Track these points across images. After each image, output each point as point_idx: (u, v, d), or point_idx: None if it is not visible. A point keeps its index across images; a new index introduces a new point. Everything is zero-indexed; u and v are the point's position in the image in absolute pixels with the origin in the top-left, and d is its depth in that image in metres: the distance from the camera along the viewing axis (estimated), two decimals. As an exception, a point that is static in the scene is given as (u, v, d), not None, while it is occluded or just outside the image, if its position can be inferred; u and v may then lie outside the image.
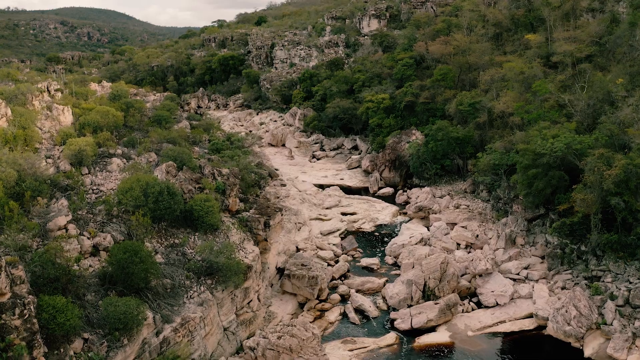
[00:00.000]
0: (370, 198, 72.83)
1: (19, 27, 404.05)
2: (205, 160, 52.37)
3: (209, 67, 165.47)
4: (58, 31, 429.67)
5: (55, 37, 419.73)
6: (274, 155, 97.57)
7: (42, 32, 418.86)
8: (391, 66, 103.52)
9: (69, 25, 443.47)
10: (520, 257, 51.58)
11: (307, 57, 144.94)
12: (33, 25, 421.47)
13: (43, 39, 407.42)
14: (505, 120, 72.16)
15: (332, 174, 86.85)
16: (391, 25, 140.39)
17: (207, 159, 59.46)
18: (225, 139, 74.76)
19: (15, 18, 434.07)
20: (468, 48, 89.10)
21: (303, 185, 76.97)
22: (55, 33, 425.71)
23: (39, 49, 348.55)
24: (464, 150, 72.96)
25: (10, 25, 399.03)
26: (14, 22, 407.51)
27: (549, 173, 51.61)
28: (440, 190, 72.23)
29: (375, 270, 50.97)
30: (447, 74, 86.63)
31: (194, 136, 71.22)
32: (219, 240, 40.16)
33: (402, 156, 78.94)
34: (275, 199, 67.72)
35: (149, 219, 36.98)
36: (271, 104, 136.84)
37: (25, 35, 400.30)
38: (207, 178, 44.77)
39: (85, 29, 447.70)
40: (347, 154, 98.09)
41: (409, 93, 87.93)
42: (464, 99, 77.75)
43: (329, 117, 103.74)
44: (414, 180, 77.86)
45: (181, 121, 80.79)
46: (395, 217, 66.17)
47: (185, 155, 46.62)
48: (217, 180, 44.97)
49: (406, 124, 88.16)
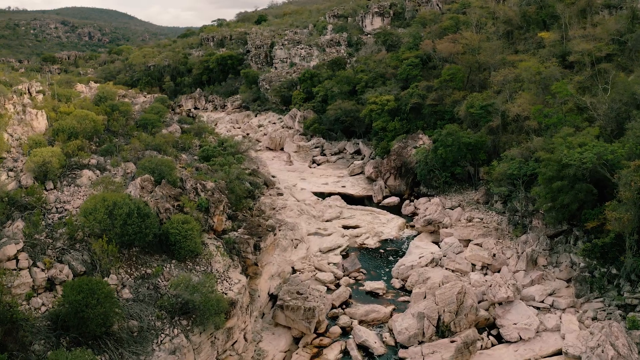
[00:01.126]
0: (374, 209, 67.10)
1: (19, 27, 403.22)
2: (188, 172, 46.73)
3: (207, 67, 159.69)
4: (59, 31, 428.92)
5: (55, 36, 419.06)
6: (272, 160, 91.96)
7: (43, 32, 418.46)
8: (396, 66, 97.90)
9: (70, 25, 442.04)
10: (544, 281, 45.89)
11: (307, 57, 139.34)
12: (33, 25, 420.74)
13: (43, 38, 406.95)
14: (520, 125, 66.57)
15: (333, 181, 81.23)
16: (395, 24, 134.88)
17: (194, 167, 53.89)
18: (217, 144, 69.17)
19: (15, 18, 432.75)
20: (478, 46, 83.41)
21: (302, 194, 71.30)
22: (56, 33, 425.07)
23: (39, 49, 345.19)
24: (476, 157, 67.24)
25: (10, 25, 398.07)
26: (15, 22, 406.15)
27: (576, 186, 45.94)
28: (451, 200, 66.58)
29: (381, 295, 45.24)
30: (456, 74, 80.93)
31: (183, 142, 65.66)
32: (200, 268, 34.56)
33: (408, 163, 73.25)
34: (270, 210, 62.13)
35: (114, 247, 31.39)
36: (270, 106, 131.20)
37: (26, 35, 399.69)
38: (189, 194, 39.16)
39: (86, 28, 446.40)
40: (349, 159, 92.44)
41: (415, 94, 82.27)
42: (474, 101, 72.09)
43: (330, 119, 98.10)
44: (421, 189, 72.18)
45: (171, 125, 75.27)
46: (401, 231, 60.52)
47: (165, 167, 40.98)
48: (200, 196, 39.35)
49: (412, 127, 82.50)
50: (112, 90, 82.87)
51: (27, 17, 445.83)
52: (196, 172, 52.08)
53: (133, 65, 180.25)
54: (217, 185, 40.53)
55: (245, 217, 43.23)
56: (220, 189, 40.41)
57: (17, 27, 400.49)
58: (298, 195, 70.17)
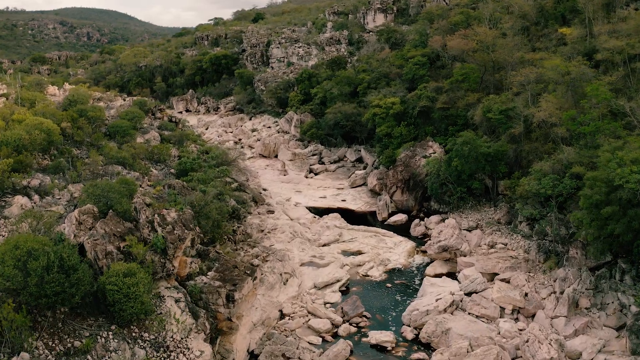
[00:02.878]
0: (378, 230, 58.22)
1: (17, 27, 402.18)
2: (155, 192, 38.01)
3: (200, 67, 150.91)
4: (57, 31, 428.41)
5: (54, 37, 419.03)
6: (265, 169, 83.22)
7: (41, 32, 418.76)
8: (400, 65, 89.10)
9: (69, 25, 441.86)
10: (589, 330, 37.11)
11: (306, 56, 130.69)
12: (31, 25, 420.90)
13: (41, 39, 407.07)
14: (545, 132, 57.89)
15: (332, 194, 72.49)
16: (399, 20, 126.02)
17: (164, 186, 45.13)
18: (197, 155, 60.49)
19: (13, 18, 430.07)
20: (493, 43, 74.58)
21: (296, 211, 62.50)
22: (54, 33, 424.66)
23: (37, 50, 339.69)
24: (495, 169, 58.48)
25: (8, 25, 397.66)
26: (12, 22, 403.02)
27: (629, 212, 37.23)
28: (467, 219, 57.84)
29: (389, 350, 36.35)
30: (470, 74, 72.05)
31: (159, 152, 57.00)
32: (149, 336, 25.81)
33: (417, 174, 64.48)
34: (259, 232, 53.43)
35: (24, 317, 22.69)
36: (266, 108, 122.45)
37: (24, 36, 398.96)
38: (143, 229, 30.44)
39: (84, 29, 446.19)
40: (350, 168, 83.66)
41: (423, 97, 73.47)
42: (492, 104, 63.30)
43: (329, 124, 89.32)
44: (432, 205, 63.40)
45: (149, 132, 66.61)
46: (411, 257, 51.70)
47: (115, 193, 32.19)
48: (156, 232, 30.61)
49: (420, 133, 73.69)
50: (84, 93, 74.19)
51: (25, 18, 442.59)
52: (167, 192, 43.39)
53: (123, 65, 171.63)
54: (181, 216, 31.78)
55: (218, 256, 34.41)
56: (184, 222, 31.65)
57: (14, 28, 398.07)
58: (292, 213, 61.37)
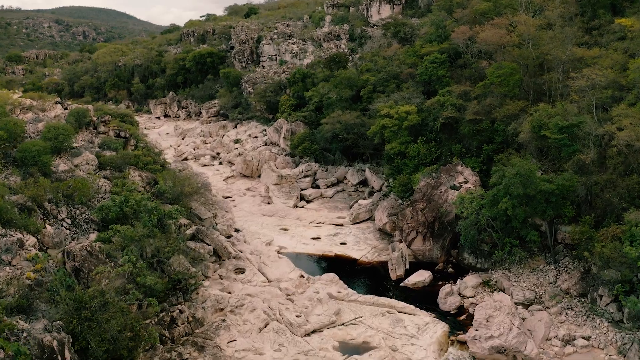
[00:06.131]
0: (393, 303, 40.07)
1: (11, 26, 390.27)
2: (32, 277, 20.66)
3: (182, 66, 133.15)
4: (52, 30, 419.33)
5: (49, 36, 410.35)
6: (243, 196, 65.68)
7: (35, 31, 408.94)
8: (413, 64, 71.80)
9: (64, 24, 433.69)
10: None
11: (300, 53, 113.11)
12: (26, 24, 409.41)
13: (36, 37, 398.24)
14: (623, 159, 40.82)
15: (328, 233, 55.06)
16: (407, 12, 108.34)
17: (54, 261, 27.77)
18: (142, 192, 43.08)
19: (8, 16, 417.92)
20: (537, 36, 57.22)
21: (276, 267, 44.85)
22: (49, 32, 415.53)
23: (31, 48, 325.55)
24: (559, 213, 41.05)
25: (1, 24, 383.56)
26: (7, 21, 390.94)
27: None
28: (519, 283, 40.63)
29: None
30: (510, 76, 54.57)
31: (75, 189, 39.45)
32: None
33: (444, 213, 47.02)
34: (215, 313, 36.02)
35: None
36: (254, 114, 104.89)
37: (18, 34, 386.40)
38: None
39: (80, 27, 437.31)
40: (352, 193, 66.36)
41: (449, 105, 56.15)
42: (544, 117, 45.98)
43: (325, 136, 72.02)
44: (465, 257, 45.97)
45: (82, 154, 49.24)
46: (445, 353, 34.25)
47: None
48: None
49: (444, 153, 56.34)
50: (9, 100, 57.26)
51: (20, 16, 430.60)
52: (55, 271, 26.08)
53: (100, 65, 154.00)
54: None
55: None
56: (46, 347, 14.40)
57: (8, 26, 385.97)
58: (270, 270, 43.81)
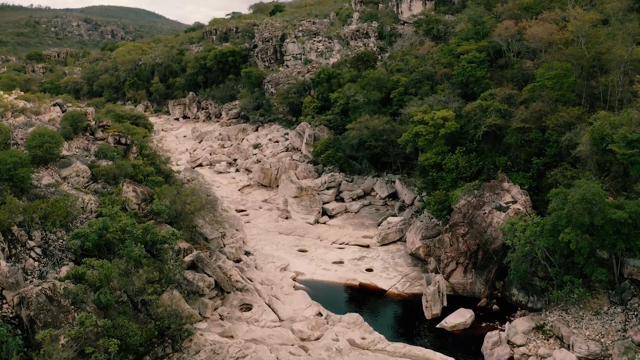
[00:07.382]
0: (429, 355, 32.73)
1: (39, 25, 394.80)
2: None
3: (203, 65, 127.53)
4: (81, 29, 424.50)
5: (77, 34, 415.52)
6: (259, 209, 59.23)
7: (64, 30, 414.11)
8: (448, 63, 64.67)
9: (93, 22, 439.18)
10: None
11: (326, 52, 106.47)
12: (55, 22, 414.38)
13: (64, 36, 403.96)
14: None
15: (352, 257, 48.23)
16: (440, 9, 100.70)
17: None
18: (130, 214, 36.90)
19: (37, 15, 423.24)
20: (591, 33, 49.48)
21: (290, 301, 38.15)
22: (78, 31, 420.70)
23: (59, 47, 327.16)
24: (631, 245, 33.57)
25: (30, 22, 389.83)
26: (35, 20, 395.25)
27: None
28: (580, 331, 33.43)
29: None
30: (563, 78, 47.08)
31: (48, 210, 33.28)
32: None
33: (488, 240, 39.83)
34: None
35: None
36: (276, 116, 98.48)
37: (46, 33, 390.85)
38: None
39: (109, 27, 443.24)
40: (380, 207, 59.50)
41: (492, 110, 48.83)
42: (606, 127, 38.57)
43: (350, 143, 65.23)
44: (513, 292, 38.74)
45: (72, 164, 43.32)
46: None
47: None
48: None
49: (487, 166, 49.05)
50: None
51: (49, 15, 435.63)
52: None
53: (120, 64, 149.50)
54: None
55: None
56: None
57: (37, 25, 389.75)
58: (282, 307, 37.15)
